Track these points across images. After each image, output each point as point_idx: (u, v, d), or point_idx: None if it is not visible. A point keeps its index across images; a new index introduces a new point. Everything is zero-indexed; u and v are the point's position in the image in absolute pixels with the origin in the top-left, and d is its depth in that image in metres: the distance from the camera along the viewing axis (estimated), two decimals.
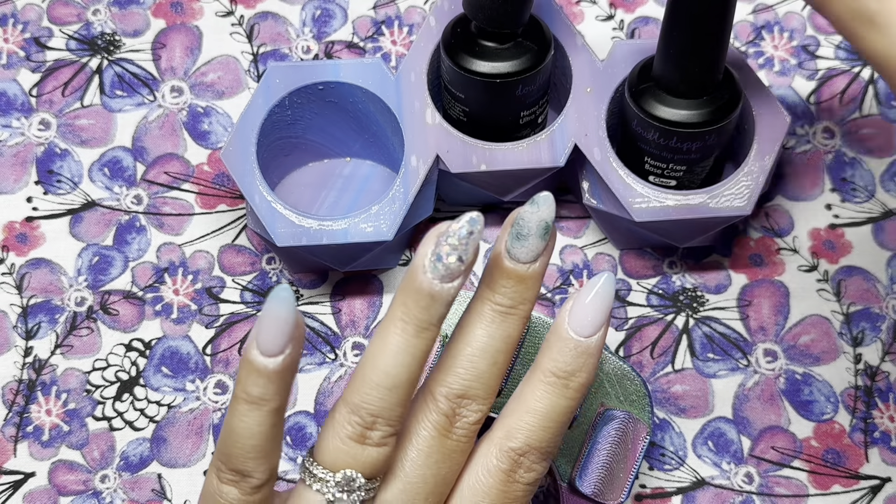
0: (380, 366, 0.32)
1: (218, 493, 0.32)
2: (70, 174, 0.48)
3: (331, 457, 0.32)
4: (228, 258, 0.47)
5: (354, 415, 0.32)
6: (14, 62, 0.51)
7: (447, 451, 0.33)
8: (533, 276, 0.33)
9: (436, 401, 0.33)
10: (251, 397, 0.30)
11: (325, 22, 0.52)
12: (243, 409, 0.30)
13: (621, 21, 0.52)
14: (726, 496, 0.44)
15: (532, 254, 0.33)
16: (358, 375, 0.32)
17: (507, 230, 0.34)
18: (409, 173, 0.42)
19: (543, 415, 0.33)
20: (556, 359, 0.33)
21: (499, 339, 0.33)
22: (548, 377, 0.33)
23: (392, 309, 0.33)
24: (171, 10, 0.52)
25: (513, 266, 0.33)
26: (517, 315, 0.34)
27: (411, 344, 0.32)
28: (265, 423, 0.31)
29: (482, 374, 0.33)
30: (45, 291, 0.46)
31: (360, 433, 0.32)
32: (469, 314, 0.34)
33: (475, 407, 0.33)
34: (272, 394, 0.30)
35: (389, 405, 0.32)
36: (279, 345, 0.30)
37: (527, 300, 0.34)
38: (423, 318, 0.32)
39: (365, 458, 0.32)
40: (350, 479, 0.32)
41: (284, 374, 0.30)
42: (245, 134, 0.43)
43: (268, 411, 0.30)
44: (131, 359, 0.46)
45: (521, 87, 0.42)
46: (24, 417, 0.45)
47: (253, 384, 0.30)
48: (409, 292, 0.32)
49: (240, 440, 0.31)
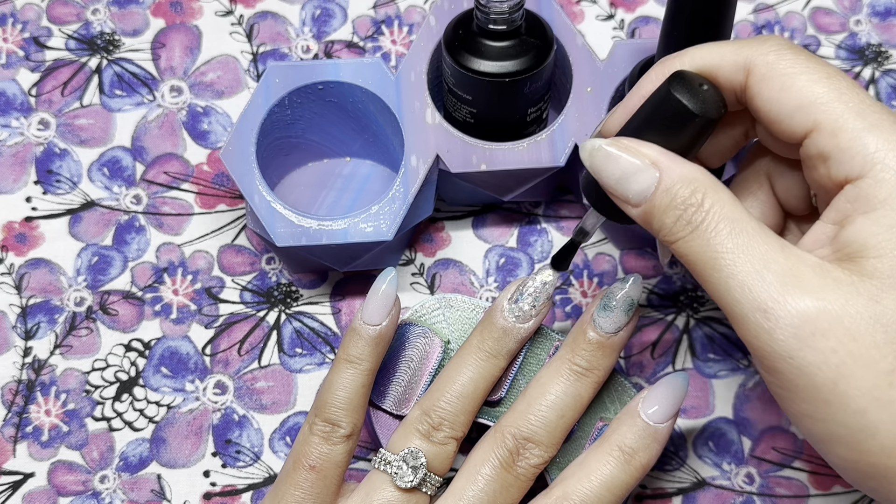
0: (452, 379, 0.38)
1: (307, 441, 0.37)
2: (69, 174, 0.48)
3: (399, 445, 0.38)
4: (228, 258, 0.47)
5: (426, 416, 0.38)
6: (13, 62, 0.50)
7: (506, 484, 0.37)
8: (612, 345, 0.38)
9: (504, 438, 0.38)
10: (351, 356, 0.37)
11: (324, 21, 0.52)
12: (343, 367, 0.37)
13: (622, 21, 0.52)
14: (727, 496, 0.44)
15: (615, 325, 0.38)
16: (434, 388, 0.38)
17: (596, 301, 0.38)
18: (409, 173, 0.42)
19: (601, 483, 0.37)
20: (626, 435, 0.37)
21: (571, 396, 0.38)
22: (613, 450, 0.37)
23: (471, 337, 0.39)
24: (170, 9, 0.52)
25: (596, 334, 0.38)
26: (591, 379, 0.38)
27: (482, 367, 0.38)
28: (358, 379, 0.37)
29: (549, 423, 0.38)
30: (45, 291, 0.46)
31: (428, 431, 0.38)
32: (548, 370, 0.39)
33: (537, 452, 0.38)
34: (367, 355, 0.37)
35: (455, 412, 0.38)
36: (381, 315, 0.37)
37: (602, 367, 0.38)
38: (495, 348, 0.39)
39: (427, 450, 0.37)
40: (413, 453, 0.37)
41: (379, 341, 0.37)
42: (245, 134, 0.42)
43: (362, 370, 0.37)
44: (131, 359, 0.45)
45: (529, 85, 0.42)
46: (24, 418, 0.44)
47: (354, 346, 0.37)
48: (488, 326, 0.39)
49: (335, 391, 0.37)
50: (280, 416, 0.45)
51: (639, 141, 0.32)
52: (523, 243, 0.48)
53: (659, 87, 0.32)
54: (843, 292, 0.28)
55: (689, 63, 0.33)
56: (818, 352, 0.27)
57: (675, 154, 0.31)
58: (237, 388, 0.45)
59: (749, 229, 0.29)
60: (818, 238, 0.31)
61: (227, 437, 0.44)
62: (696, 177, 0.30)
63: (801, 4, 0.53)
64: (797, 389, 0.28)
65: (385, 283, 0.38)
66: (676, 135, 0.31)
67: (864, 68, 0.51)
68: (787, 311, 0.28)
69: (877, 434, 0.27)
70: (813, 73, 0.30)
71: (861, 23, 0.52)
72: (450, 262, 0.48)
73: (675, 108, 0.31)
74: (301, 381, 0.45)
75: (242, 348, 0.46)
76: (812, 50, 0.51)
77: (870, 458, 0.27)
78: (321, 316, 0.46)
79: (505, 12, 0.40)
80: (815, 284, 0.28)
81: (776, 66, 0.30)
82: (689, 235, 0.30)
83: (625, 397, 0.41)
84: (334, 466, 0.37)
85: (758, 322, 0.28)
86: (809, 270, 0.28)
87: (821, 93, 0.30)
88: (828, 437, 0.28)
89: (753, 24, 0.52)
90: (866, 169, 0.29)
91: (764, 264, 0.28)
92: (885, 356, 0.27)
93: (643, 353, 0.46)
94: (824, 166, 0.30)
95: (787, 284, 0.28)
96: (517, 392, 0.41)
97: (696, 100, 0.31)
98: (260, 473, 0.44)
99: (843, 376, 0.27)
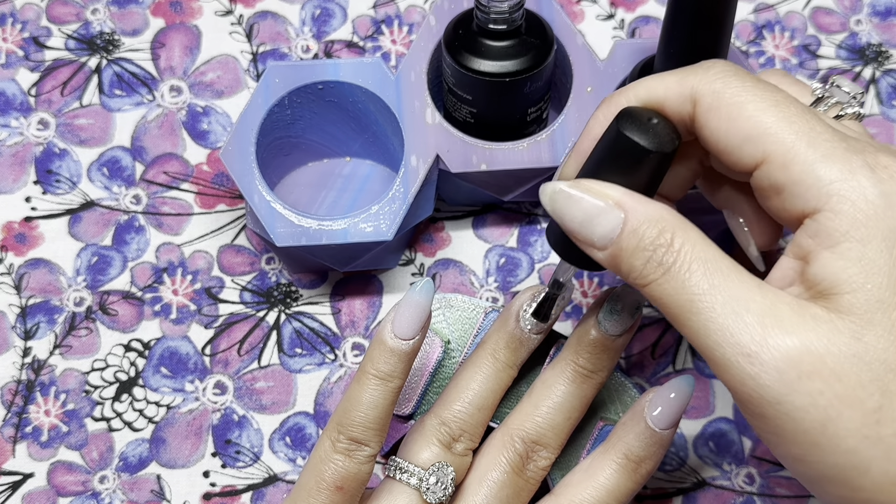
0: (469, 388, 0.38)
1: (330, 459, 0.35)
2: (69, 174, 0.48)
3: (422, 457, 0.37)
4: (228, 258, 0.47)
5: (444, 425, 0.37)
6: (13, 61, 0.50)
7: (517, 488, 0.37)
8: (616, 347, 0.38)
9: (513, 441, 0.37)
10: (381, 373, 0.35)
11: (324, 21, 0.52)
12: (373, 383, 0.35)
13: (622, 20, 0.52)
14: (727, 497, 0.44)
15: (621, 328, 0.38)
16: (450, 395, 0.38)
17: (600, 304, 0.38)
18: (409, 173, 0.42)
19: (608, 492, 0.37)
20: (633, 444, 0.37)
21: (576, 397, 0.38)
22: (620, 458, 0.37)
23: (485, 344, 0.39)
24: (170, 9, 0.52)
25: (601, 336, 0.38)
26: (595, 380, 0.38)
27: (498, 377, 0.38)
28: (388, 398, 0.35)
29: (557, 425, 0.38)
30: (44, 292, 0.46)
31: (448, 442, 0.37)
32: (552, 371, 0.38)
33: (545, 454, 0.38)
34: (399, 372, 0.35)
35: (475, 423, 0.38)
36: (414, 330, 0.35)
37: (606, 368, 0.38)
38: (511, 358, 0.39)
39: (452, 462, 0.37)
40: (443, 468, 0.36)
41: (411, 356, 0.35)
42: (244, 133, 0.42)
43: (392, 388, 0.35)
44: (130, 359, 0.45)
45: (529, 85, 0.42)
46: (23, 418, 0.44)
47: (385, 362, 0.35)
48: (502, 334, 0.38)
49: (364, 409, 0.35)
50: (280, 416, 0.45)
51: (601, 182, 0.31)
52: (523, 243, 0.48)
53: (608, 127, 0.31)
54: (825, 331, 0.27)
55: (635, 98, 0.32)
56: (805, 395, 0.27)
57: (638, 193, 0.30)
58: (237, 388, 0.45)
59: (723, 268, 0.28)
60: (786, 274, 0.30)
61: (226, 438, 0.44)
62: (662, 216, 0.29)
63: (801, 4, 0.53)
64: (786, 433, 0.27)
65: (421, 293, 0.35)
66: (634, 173, 0.30)
67: (865, 68, 0.51)
68: (770, 355, 0.27)
69: (868, 471, 0.27)
70: (761, 100, 0.29)
71: (861, 22, 0.52)
72: (450, 262, 0.47)
73: (627, 147, 0.30)
74: (301, 382, 0.45)
75: (242, 348, 0.46)
76: (813, 49, 0.51)
77: (863, 494, 0.27)
78: (321, 316, 0.46)
79: (505, 12, 0.40)
80: (795, 323, 0.27)
81: (723, 96, 0.29)
82: (661, 278, 0.29)
83: (625, 397, 0.41)
84: (360, 485, 0.36)
85: (741, 367, 0.27)
86: (788, 309, 0.28)
87: (770, 122, 0.28)
88: (819, 478, 0.28)
89: (754, 23, 0.52)
90: (822, 202, 0.28)
91: (743, 305, 0.28)
92: (871, 394, 0.26)
93: (643, 354, 0.46)
94: (778, 199, 0.29)
95: (767, 326, 0.27)
96: (515, 392, 0.40)
97: (647, 135, 0.30)
98: (259, 474, 0.44)
99: (830, 418, 0.27)
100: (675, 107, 0.31)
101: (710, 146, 0.30)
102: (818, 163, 0.28)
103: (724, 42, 0.39)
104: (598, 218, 0.30)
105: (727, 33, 0.38)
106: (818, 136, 0.28)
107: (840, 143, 0.28)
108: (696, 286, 0.28)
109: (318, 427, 0.45)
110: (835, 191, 0.27)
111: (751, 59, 0.51)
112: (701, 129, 0.30)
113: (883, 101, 0.51)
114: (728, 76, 0.30)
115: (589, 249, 0.31)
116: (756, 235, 0.33)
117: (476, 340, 0.42)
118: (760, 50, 0.51)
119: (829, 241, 0.28)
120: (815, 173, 0.28)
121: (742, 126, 0.29)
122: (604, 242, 0.30)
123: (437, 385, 0.41)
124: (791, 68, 0.51)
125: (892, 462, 0.26)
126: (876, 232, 0.27)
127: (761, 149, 0.29)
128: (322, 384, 0.45)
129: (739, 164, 0.30)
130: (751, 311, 0.27)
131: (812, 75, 0.51)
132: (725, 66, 0.30)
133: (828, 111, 0.33)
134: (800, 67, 0.51)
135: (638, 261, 0.29)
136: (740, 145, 0.29)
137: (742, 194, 0.33)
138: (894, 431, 0.26)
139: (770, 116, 0.29)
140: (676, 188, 0.34)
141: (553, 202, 0.31)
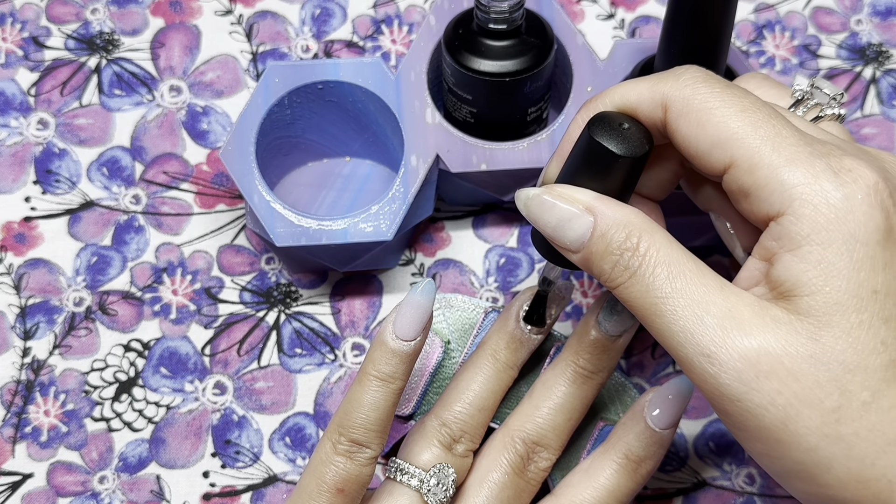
0: (472, 389, 0.38)
1: (331, 461, 0.35)
2: (68, 174, 0.48)
3: (423, 458, 0.37)
4: (227, 258, 0.47)
5: (445, 426, 0.37)
6: (12, 61, 0.50)
7: (518, 489, 0.37)
8: (617, 347, 0.38)
9: (514, 442, 0.38)
10: (383, 374, 0.35)
11: (324, 21, 0.52)
12: (374, 385, 0.35)
13: (622, 20, 0.52)
14: (728, 497, 0.44)
15: (620, 328, 0.38)
16: (450, 396, 0.38)
17: (600, 305, 0.38)
18: (409, 173, 0.42)
19: (609, 492, 0.37)
20: (633, 444, 0.37)
21: (577, 398, 0.38)
22: (620, 459, 0.37)
23: (485, 345, 0.39)
24: (169, 8, 0.52)
25: (601, 337, 0.38)
26: (596, 380, 0.38)
27: (499, 377, 0.38)
28: (390, 399, 0.35)
29: (557, 426, 0.38)
30: (44, 292, 0.46)
31: (449, 443, 0.37)
32: (552, 372, 0.38)
33: (546, 455, 0.38)
34: (401, 373, 0.35)
35: (476, 424, 0.38)
36: (416, 331, 0.35)
37: (606, 368, 0.38)
38: (512, 359, 0.39)
39: (453, 463, 0.37)
40: (444, 469, 0.36)
41: (413, 357, 0.35)
42: (244, 133, 0.42)
43: (394, 389, 0.35)
44: (130, 359, 0.45)
45: (529, 84, 0.42)
46: (23, 418, 0.44)
47: (387, 363, 0.35)
48: (502, 335, 0.39)
49: (365, 411, 0.35)
50: (279, 416, 0.45)
51: (572, 187, 0.31)
52: (523, 243, 0.48)
53: (581, 133, 0.32)
54: (783, 332, 0.27)
55: (610, 103, 0.32)
56: (763, 394, 0.27)
57: (610, 197, 0.31)
58: (236, 388, 0.45)
59: (686, 271, 0.29)
60: (752, 275, 0.30)
61: (226, 438, 0.44)
62: (630, 220, 0.30)
63: (801, 4, 0.53)
64: (749, 430, 0.28)
65: (422, 294, 0.35)
66: (606, 178, 0.31)
67: (865, 68, 0.51)
68: (729, 356, 0.27)
69: (831, 468, 0.27)
70: (728, 106, 0.29)
71: (862, 22, 0.52)
72: (450, 262, 0.47)
73: (598, 152, 0.31)
74: (300, 382, 0.45)
75: (242, 348, 0.46)
76: (813, 49, 0.51)
77: (828, 490, 0.28)
78: (321, 316, 0.46)
79: (505, 12, 0.40)
80: (754, 325, 0.28)
81: (692, 102, 0.30)
82: (627, 281, 0.30)
83: (625, 397, 0.41)
84: (361, 487, 0.35)
85: (703, 367, 0.28)
86: (748, 310, 0.28)
87: (736, 127, 0.29)
88: (785, 473, 0.29)
89: (754, 23, 0.52)
90: (785, 205, 0.28)
91: (703, 308, 0.28)
92: (830, 394, 0.27)
93: (643, 354, 0.46)
94: (746, 202, 0.29)
95: (726, 328, 0.28)
96: (515, 393, 0.40)
97: (617, 140, 0.31)
98: (259, 474, 0.44)
99: (790, 417, 0.27)
100: (648, 112, 0.31)
101: (682, 151, 0.31)
102: (782, 167, 0.28)
103: (724, 42, 0.39)
104: (570, 223, 0.31)
105: (727, 33, 0.38)
106: (783, 140, 0.29)
107: (805, 147, 0.29)
108: (659, 290, 0.29)
109: (317, 427, 0.45)
110: (797, 195, 0.28)
111: (751, 59, 0.51)
112: (672, 134, 0.31)
113: (883, 101, 0.51)
114: (697, 82, 0.30)
115: (565, 252, 0.32)
116: (741, 237, 0.33)
117: (476, 341, 0.42)
118: (761, 50, 0.51)
119: (791, 244, 0.28)
120: (778, 177, 0.28)
121: (710, 131, 0.29)
122: (576, 246, 0.31)
123: (438, 385, 0.41)
124: (791, 68, 0.51)
125: (853, 460, 0.27)
126: (837, 235, 0.27)
127: (728, 153, 0.29)
128: (322, 384, 0.45)
129: (710, 168, 0.30)
130: (711, 314, 0.28)
131: (812, 75, 0.51)
132: (696, 72, 0.31)
133: (807, 113, 0.33)
134: (800, 67, 0.51)
135: (606, 264, 0.30)
136: (709, 150, 0.30)
137: (724, 196, 0.34)
138: (855, 430, 0.27)
139: (736, 121, 0.29)
140: (658, 189, 0.35)
141: (528, 208, 0.32)
